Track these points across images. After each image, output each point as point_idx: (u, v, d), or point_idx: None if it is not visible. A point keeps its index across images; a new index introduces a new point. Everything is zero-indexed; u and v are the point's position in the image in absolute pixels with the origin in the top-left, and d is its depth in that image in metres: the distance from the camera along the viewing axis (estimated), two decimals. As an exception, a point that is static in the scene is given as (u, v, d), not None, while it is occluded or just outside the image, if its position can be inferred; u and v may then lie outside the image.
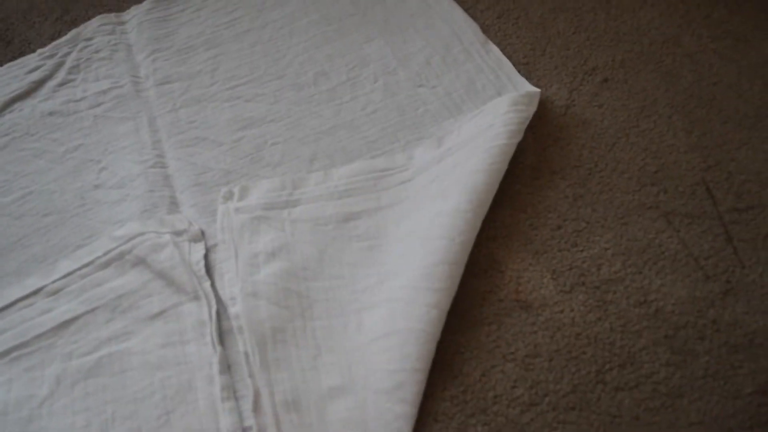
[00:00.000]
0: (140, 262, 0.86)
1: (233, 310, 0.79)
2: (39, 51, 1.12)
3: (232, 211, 0.87)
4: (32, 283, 0.86)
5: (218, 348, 0.77)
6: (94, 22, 1.15)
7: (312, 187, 0.90)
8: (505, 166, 0.86)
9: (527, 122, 0.91)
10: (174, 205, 0.91)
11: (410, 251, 0.81)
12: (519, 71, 1.00)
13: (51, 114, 1.04)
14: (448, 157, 0.89)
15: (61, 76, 1.08)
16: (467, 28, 1.06)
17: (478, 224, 0.81)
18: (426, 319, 0.73)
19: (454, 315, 0.76)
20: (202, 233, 0.87)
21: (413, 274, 0.77)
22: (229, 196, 0.89)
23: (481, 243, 0.84)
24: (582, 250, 0.83)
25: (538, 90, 0.96)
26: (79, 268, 0.86)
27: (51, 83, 1.08)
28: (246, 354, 0.75)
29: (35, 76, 1.09)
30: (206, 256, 0.85)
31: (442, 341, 0.74)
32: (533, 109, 0.92)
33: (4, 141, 1.02)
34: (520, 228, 0.86)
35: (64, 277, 0.86)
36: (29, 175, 0.97)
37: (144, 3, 1.17)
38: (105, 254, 0.87)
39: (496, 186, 0.84)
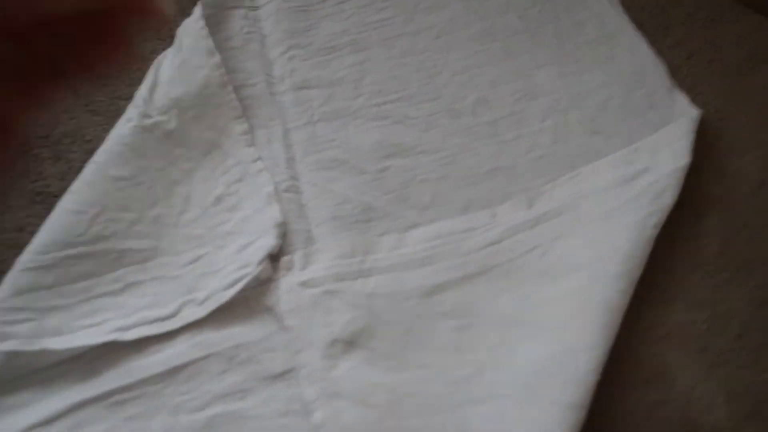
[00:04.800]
0: (266, 310, 0.79)
1: (316, 416, 0.72)
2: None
3: (297, 285, 0.79)
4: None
5: None
6: (225, 3, 1.04)
7: (386, 254, 0.82)
8: (645, 256, 0.78)
9: (680, 182, 0.83)
10: (309, 242, 0.84)
11: (514, 340, 0.74)
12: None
13: None
14: (543, 224, 0.82)
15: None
16: (652, 67, 0.95)
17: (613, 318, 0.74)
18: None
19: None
20: None
21: (527, 369, 0.71)
22: (289, 266, 0.81)
23: (650, 342, 0.77)
24: (764, 371, 0.75)
25: (696, 115, 0.88)
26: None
27: None
28: None
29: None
30: None
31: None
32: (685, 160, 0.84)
33: None
34: (696, 330, 0.78)
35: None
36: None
37: (281, -13, 1.06)
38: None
39: (635, 274, 0.77)
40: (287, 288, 0.80)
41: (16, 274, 0.78)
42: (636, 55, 0.96)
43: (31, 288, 0.77)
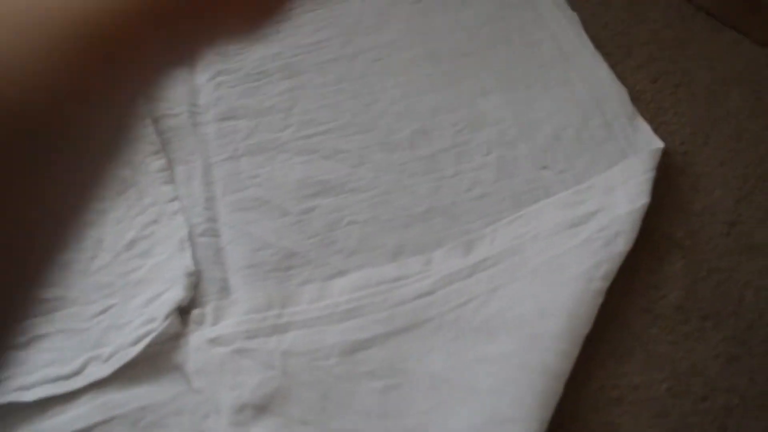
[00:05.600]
0: (175, 369, 0.72)
1: None
2: None
3: (206, 343, 0.72)
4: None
5: None
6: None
7: (305, 306, 0.75)
8: (592, 311, 0.70)
9: (636, 226, 0.75)
10: (225, 292, 0.76)
11: (445, 404, 0.68)
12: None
13: None
14: (480, 273, 0.75)
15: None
16: (612, 93, 0.86)
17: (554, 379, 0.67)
18: None
19: None
20: None
21: None
22: (200, 320, 0.74)
23: (600, 407, 0.69)
24: (731, 438, 0.67)
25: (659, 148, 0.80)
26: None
27: None
28: None
29: None
30: None
31: None
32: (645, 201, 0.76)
33: None
34: (654, 392, 0.70)
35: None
36: None
37: (214, 6, 0.98)
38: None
39: (580, 332, 0.69)
40: (196, 345, 0.73)
41: None
42: (594, 79, 0.87)
43: None
